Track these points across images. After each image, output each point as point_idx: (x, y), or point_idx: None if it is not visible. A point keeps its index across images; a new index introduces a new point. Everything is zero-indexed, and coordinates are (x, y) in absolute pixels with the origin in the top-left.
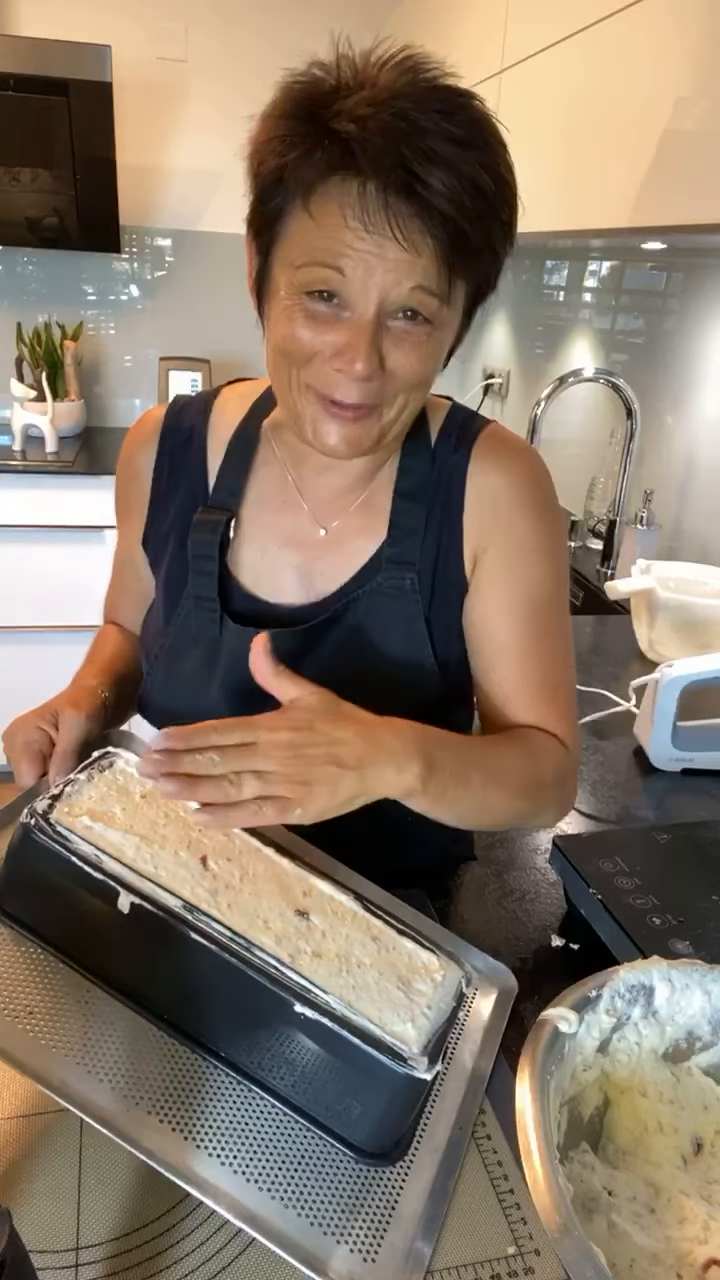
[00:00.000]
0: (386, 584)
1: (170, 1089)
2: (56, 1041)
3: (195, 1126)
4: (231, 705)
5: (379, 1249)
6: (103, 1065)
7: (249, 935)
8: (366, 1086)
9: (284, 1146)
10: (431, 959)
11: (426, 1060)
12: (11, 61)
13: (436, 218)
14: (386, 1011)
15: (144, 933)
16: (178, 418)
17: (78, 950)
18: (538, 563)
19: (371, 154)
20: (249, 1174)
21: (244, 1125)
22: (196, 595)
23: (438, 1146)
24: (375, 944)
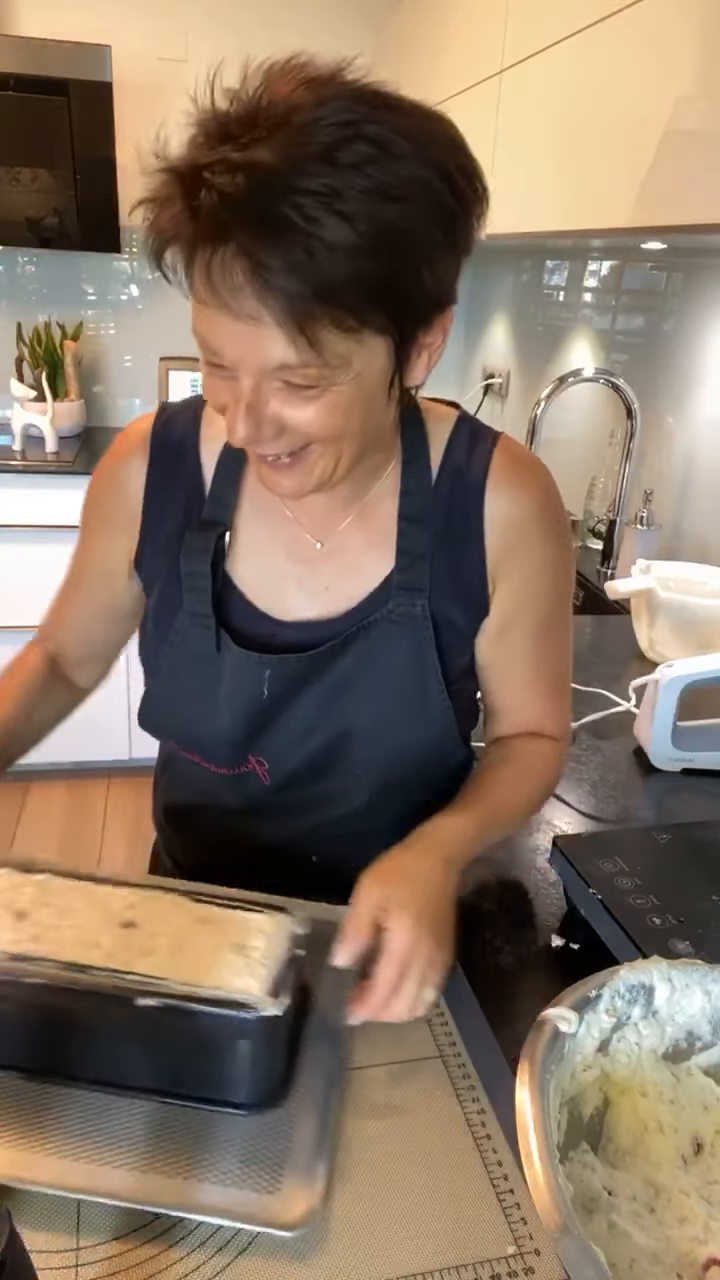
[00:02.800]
0: (398, 611)
1: (62, 1125)
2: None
3: (94, 1148)
4: (241, 728)
5: (280, 1182)
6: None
7: (80, 960)
8: (230, 1045)
9: (178, 1132)
10: (260, 918)
11: (273, 999)
12: (11, 61)
13: (271, 291)
14: (227, 975)
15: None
16: (167, 429)
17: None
18: (552, 582)
19: (202, 222)
20: (154, 1168)
21: (137, 1130)
22: (192, 612)
23: (314, 1078)
24: (204, 925)
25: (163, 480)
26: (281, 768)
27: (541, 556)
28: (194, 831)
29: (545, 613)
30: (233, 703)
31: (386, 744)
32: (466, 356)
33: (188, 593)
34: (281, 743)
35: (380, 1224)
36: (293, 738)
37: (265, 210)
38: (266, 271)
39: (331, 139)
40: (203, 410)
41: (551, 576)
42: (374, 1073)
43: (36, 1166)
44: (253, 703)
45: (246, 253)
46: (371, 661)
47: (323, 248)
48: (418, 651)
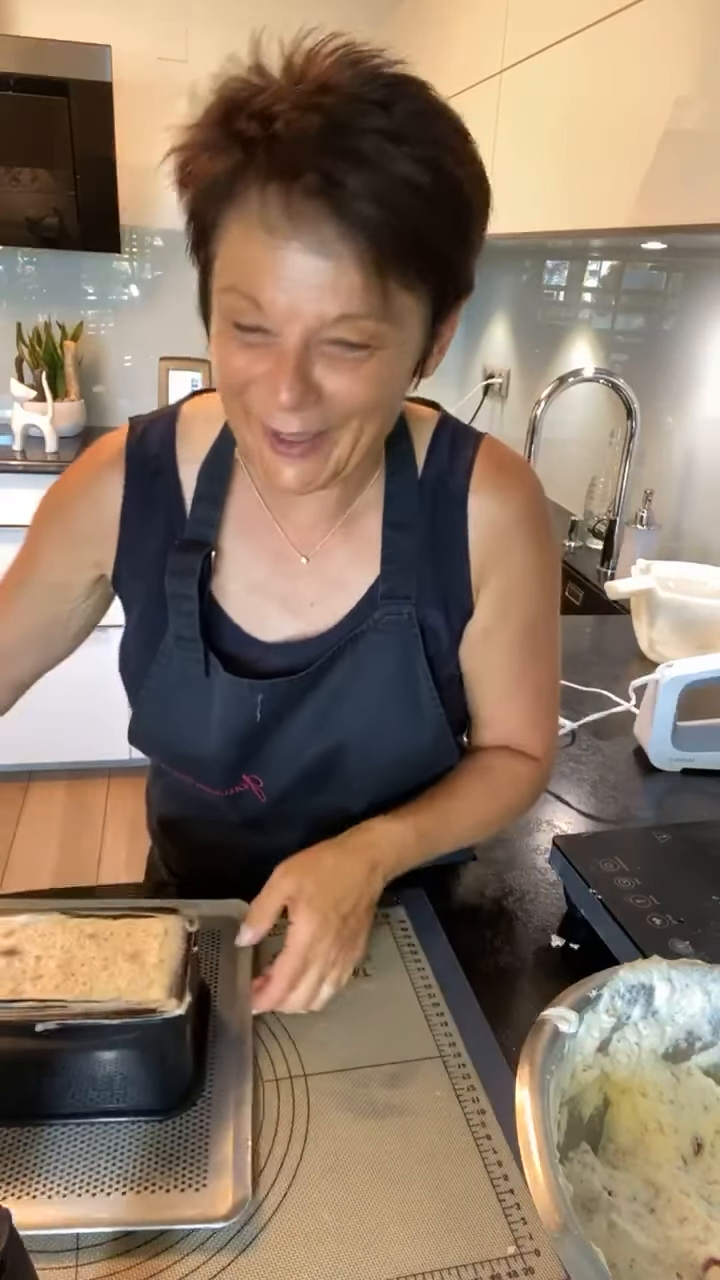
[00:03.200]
0: (384, 620)
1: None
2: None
3: (14, 1182)
4: (234, 751)
5: (207, 1177)
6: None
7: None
8: (139, 1053)
9: (99, 1150)
10: (150, 923)
11: (174, 1000)
12: (11, 61)
13: (356, 221)
14: (123, 984)
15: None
16: (141, 447)
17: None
18: (536, 588)
19: (276, 156)
20: (80, 1190)
21: (57, 1156)
22: (179, 636)
23: (225, 1074)
24: (92, 940)
25: (141, 498)
26: (277, 785)
27: (525, 561)
28: (188, 843)
29: (529, 620)
30: (225, 726)
31: (381, 752)
32: (466, 356)
33: (174, 616)
34: (276, 761)
35: (380, 1224)
36: (287, 756)
37: (343, 143)
38: (352, 199)
39: (384, 95)
40: (177, 425)
41: (536, 582)
42: (374, 1073)
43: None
44: (246, 726)
45: (330, 182)
46: (362, 673)
47: (401, 184)
48: (407, 658)
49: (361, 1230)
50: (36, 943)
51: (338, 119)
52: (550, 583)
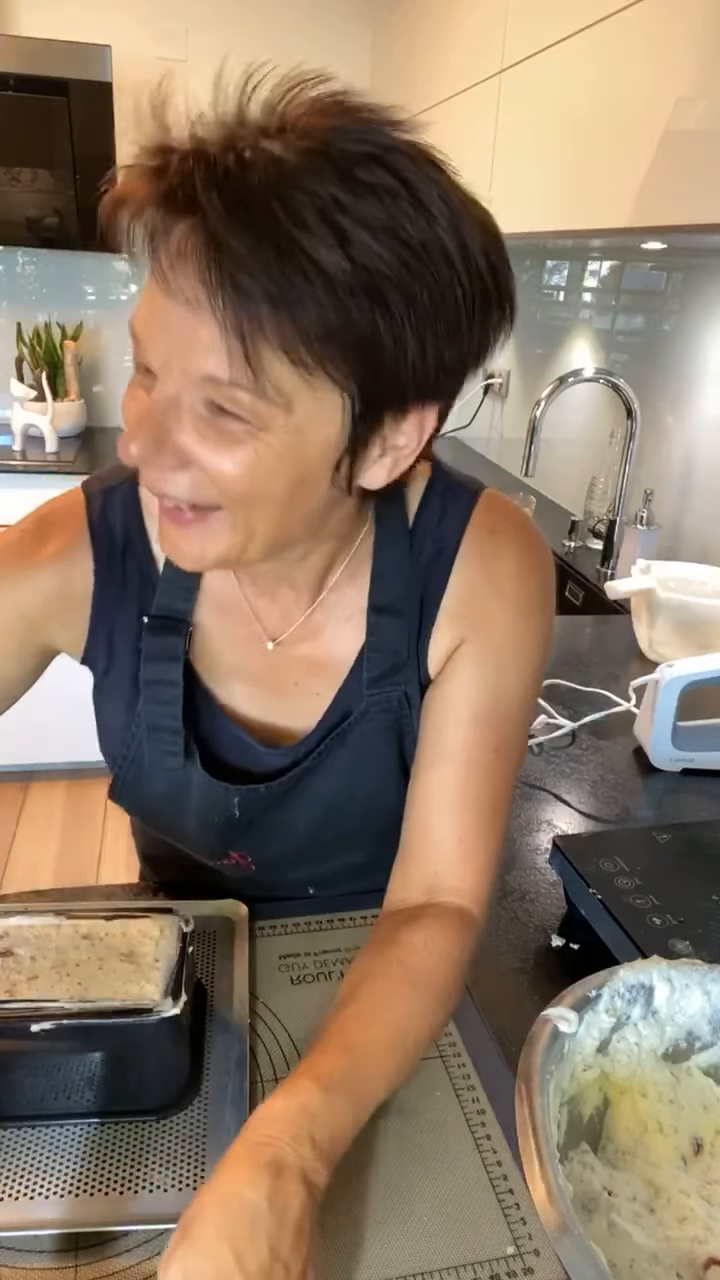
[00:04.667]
0: (372, 710)
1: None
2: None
3: (15, 1183)
4: (213, 838)
5: (205, 1176)
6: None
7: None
8: (135, 1053)
9: (98, 1150)
10: (145, 924)
11: (170, 1000)
12: (11, 61)
13: (230, 284)
14: (118, 984)
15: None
16: (104, 522)
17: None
18: (511, 664)
19: (175, 192)
20: (80, 1191)
21: (56, 1158)
22: (154, 726)
23: (223, 1073)
24: (86, 941)
25: (112, 579)
26: (266, 860)
27: (496, 637)
28: (177, 878)
29: (490, 708)
30: (203, 817)
31: (376, 823)
32: None
33: (149, 704)
34: (263, 844)
35: (380, 1224)
36: (275, 839)
37: (248, 194)
38: (223, 253)
39: (355, 152)
40: (139, 490)
41: (507, 665)
42: None
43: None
44: (226, 820)
45: (209, 227)
46: (352, 765)
47: (301, 255)
48: (399, 739)
49: (361, 1230)
50: (31, 943)
51: (258, 170)
52: (528, 668)
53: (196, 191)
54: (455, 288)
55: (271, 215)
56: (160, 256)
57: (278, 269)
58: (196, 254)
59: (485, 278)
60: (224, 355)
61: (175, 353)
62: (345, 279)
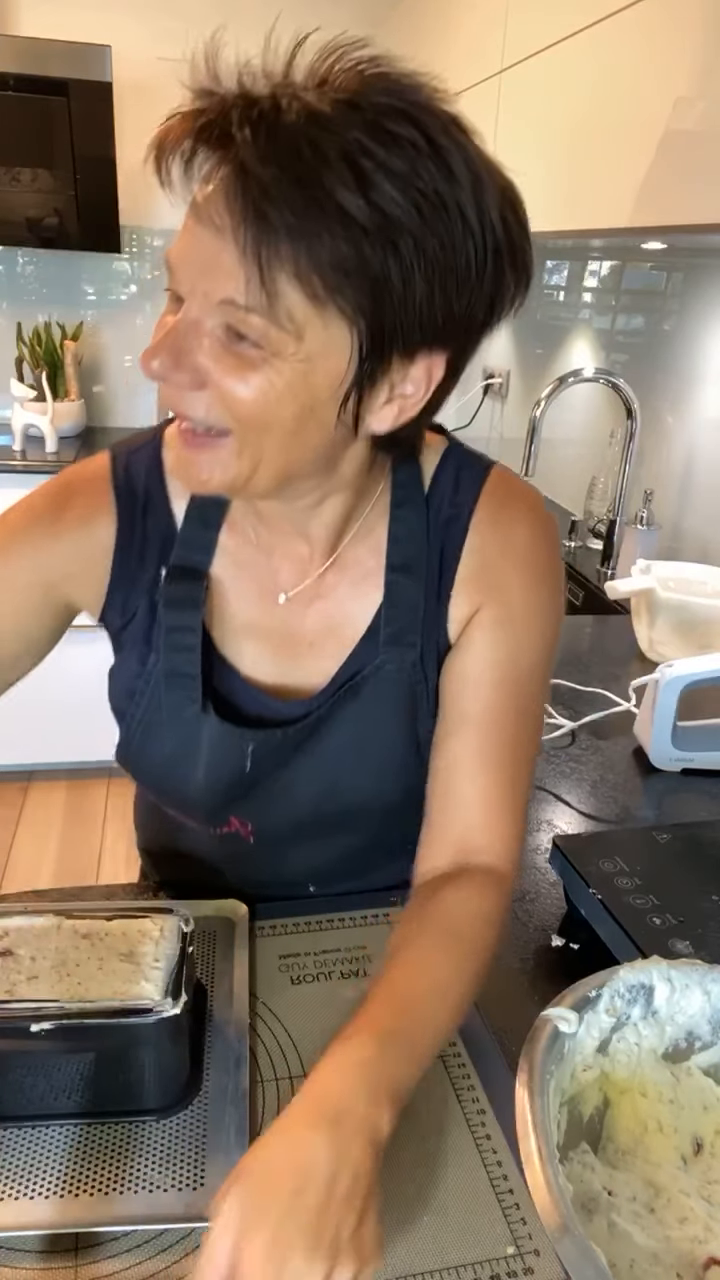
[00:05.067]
0: (388, 667)
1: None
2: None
3: (13, 1183)
4: (220, 795)
5: (204, 1176)
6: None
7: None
8: (135, 1053)
9: (96, 1150)
10: (145, 923)
11: (170, 1000)
12: (11, 61)
13: (254, 213)
14: (118, 984)
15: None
16: (128, 482)
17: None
18: (526, 632)
19: (214, 132)
20: (78, 1190)
21: (54, 1157)
22: (170, 671)
23: (223, 1072)
24: (86, 941)
25: (133, 538)
26: (266, 829)
27: (522, 600)
28: (178, 872)
29: (510, 673)
30: (213, 771)
31: (381, 798)
32: None
33: (169, 651)
34: (266, 808)
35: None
36: (278, 803)
37: (278, 132)
38: (251, 183)
39: (385, 105)
40: (162, 452)
41: (523, 631)
42: None
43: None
44: (234, 774)
45: (239, 158)
46: (361, 722)
47: (321, 190)
48: (410, 705)
49: None
50: (31, 944)
51: (291, 113)
52: (544, 633)
53: (231, 126)
54: (468, 244)
55: (298, 153)
56: (194, 185)
57: (299, 202)
58: (226, 183)
59: (500, 240)
60: (243, 281)
61: (200, 277)
62: (361, 219)
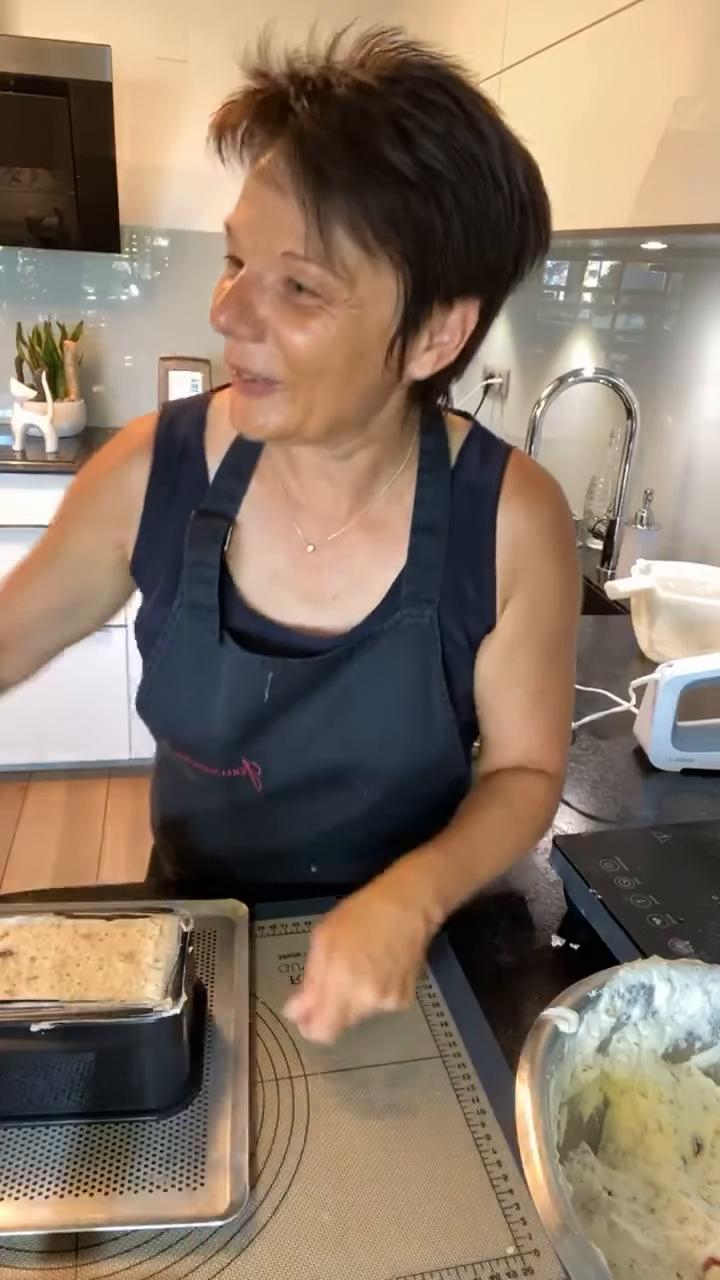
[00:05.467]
0: (405, 621)
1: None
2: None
3: (14, 1183)
4: (237, 730)
5: (204, 1176)
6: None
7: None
8: (134, 1053)
9: (96, 1150)
10: (145, 923)
11: (169, 1000)
12: (11, 61)
13: (312, 170)
14: (118, 984)
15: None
16: (170, 431)
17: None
18: (561, 602)
19: (281, 98)
20: (78, 1190)
21: (55, 1157)
22: (193, 604)
23: (222, 1072)
24: (87, 941)
25: (166, 480)
26: (275, 776)
27: (552, 575)
28: (190, 842)
29: (553, 634)
30: (231, 703)
31: (388, 757)
32: None
33: (190, 584)
34: (278, 749)
35: (380, 1224)
36: (290, 746)
37: (332, 99)
38: (308, 144)
39: (420, 78)
40: (207, 411)
41: (561, 597)
42: (374, 1073)
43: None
44: (252, 706)
45: (298, 124)
46: (378, 672)
47: (371, 149)
48: (425, 663)
49: (361, 1230)
50: (31, 944)
51: (341, 87)
52: (574, 598)
53: (290, 99)
54: (497, 199)
55: (349, 117)
56: (255, 152)
57: (352, 159)
58: (286, 147)
59: (525, 198)
60: (302, 233)
61: (261, 234)
62: (406, 173)
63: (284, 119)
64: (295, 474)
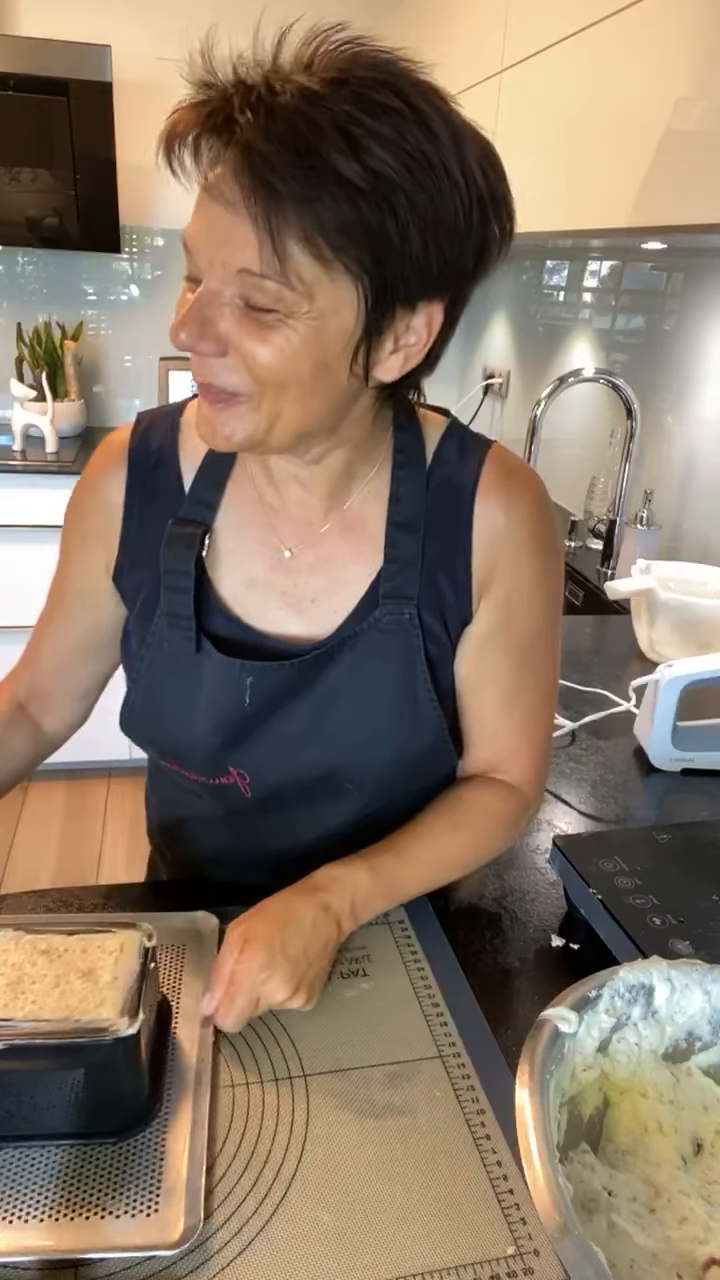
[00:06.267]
0: (385, 619)
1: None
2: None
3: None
4: (218, 736)
5: (158, 1202)
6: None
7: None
8: (89, 1074)
9: (46, 1174)
10: (106, 939)
11: (126, 1019)
12: (11, 61)
13: (261, 185)
14: (74, 1003)
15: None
16: (144, 440)
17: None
18: (539, 600)
19: (228, 109)
20: (25, 1217)
21: (7, 1184)
22: (170, 613)
23: (184, 1092)
24: (45, 957)
25: (142, 490)
26: (263, 781)
27: (529, 571)
28: (185, 847)
29: (530, 632)
30: (212, 711)
31: (377, 756)
32: (466, 357)
33: (166, 591)
34: (263, 755)
35: (380, 1224)
36: (276, 751)
37: (277, 109)
38: (256, 158)
39: (367, 79)
40: (180, 418)
41: (540, 594)
42: (374, 1073)
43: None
44: (233, 712)
45: (244, 139)
46: (360, 672)
47: (319, 159)
48: (407, 660)
49: (361, 1230)
50: None
51: (286, 93)
52: (554, 596)
53: (234, 111)
54: (454, 196)
55: (296, 127)
56: (205, 169)
57: (301, 172)
58: (234, 161)
59: (483, 191)
60: (256, 249)
61: (216, 251)
62: (357, 181)
63: (231, 129)
64: (270, 480)
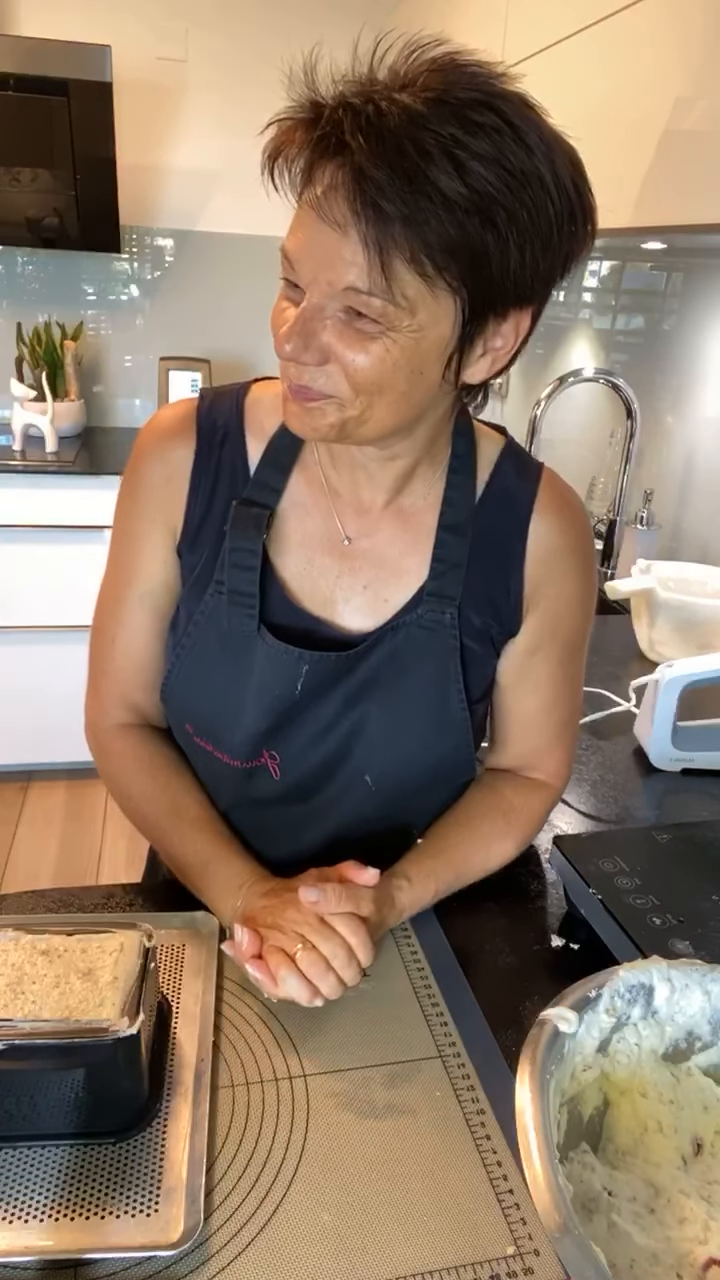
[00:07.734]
0: (427, 616)
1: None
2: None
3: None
4: (265, 721)
5: (157, 1203)
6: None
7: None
8: (89, 1074)
9: (47, 1174)
10: (106, 939)
11: (126, 1019)
12: (11, 61)
13: (370, 207)
14: (74, 1003)
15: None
16: (210, 415)
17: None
18: (580, 615)
19: (337, 132)
20: (26, 1216)
21: (7, 1184)
22: (234, 590)
23: (184, 1092)
24: (45, 957)
25: (208, 463)
26: (294, 765)
27: (574, 591)
28: None
29: (571, 644)
30: (263, 696)
31: (400, 750)
32: None
33: (231, 569)
34: (299, 738)
35: (380, 1224)
36: (311, 734)
37: (385, 133)
38: (368, 183)
39: (467, 99)
40: (244, 400)
41: (581, 610)
42: (374, 1073)
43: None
44: (283, 698)
45: (355, 163)
46: (396, 664)
47: (427, 183)
48: (443, 660)
49: (361, 1231)
50: None
51: (393, 116)
52: (590, 613)
53: (345, 134)
54: (548, 207)
55: (404, 151)
56: (315, 189)
57: (409, 194)
58: (345, 185)
59: (572, 198)
60: (364, 268)
61: (321, 269)
62: (462, 202)
63: (341, 151)
64: (334, 464)
